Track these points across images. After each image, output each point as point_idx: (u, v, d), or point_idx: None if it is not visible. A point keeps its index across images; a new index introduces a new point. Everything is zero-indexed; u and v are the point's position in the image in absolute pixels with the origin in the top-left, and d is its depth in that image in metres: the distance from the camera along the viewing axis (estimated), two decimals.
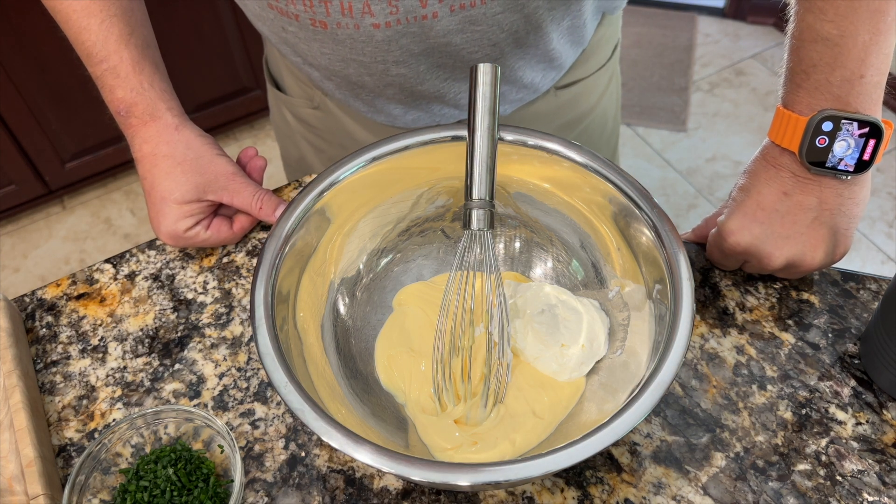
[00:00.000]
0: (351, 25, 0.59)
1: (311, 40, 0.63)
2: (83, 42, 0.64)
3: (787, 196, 0.56)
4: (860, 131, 0.53)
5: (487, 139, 0.54)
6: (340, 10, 0.58)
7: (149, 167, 0.66)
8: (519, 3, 0.60)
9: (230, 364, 0.62)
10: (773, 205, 0.57)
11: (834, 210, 0.56)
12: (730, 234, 0.59)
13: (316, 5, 0.58)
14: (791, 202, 0.56)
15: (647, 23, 2.46)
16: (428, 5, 0.57)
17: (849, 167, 0.54)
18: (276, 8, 0.60)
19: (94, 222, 1.94)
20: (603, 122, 0.85)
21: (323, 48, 0.63)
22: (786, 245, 0.57)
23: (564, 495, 0.53)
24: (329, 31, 0.60)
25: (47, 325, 0.66)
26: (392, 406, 0.57)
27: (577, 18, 0.67)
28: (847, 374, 0.59)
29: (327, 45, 0.63)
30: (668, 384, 0.45)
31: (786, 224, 0.57)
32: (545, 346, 0.56)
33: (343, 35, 0.61)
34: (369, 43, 0.61)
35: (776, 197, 0.57)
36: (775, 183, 0.57)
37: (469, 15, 0.59)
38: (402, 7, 0.57)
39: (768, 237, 0.57)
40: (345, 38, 0.61)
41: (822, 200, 0.56)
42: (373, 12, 0.58)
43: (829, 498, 0.52)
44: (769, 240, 0.57)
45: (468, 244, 0.55)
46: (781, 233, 0.57)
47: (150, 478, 0.52)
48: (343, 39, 0.61)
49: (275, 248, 0.54)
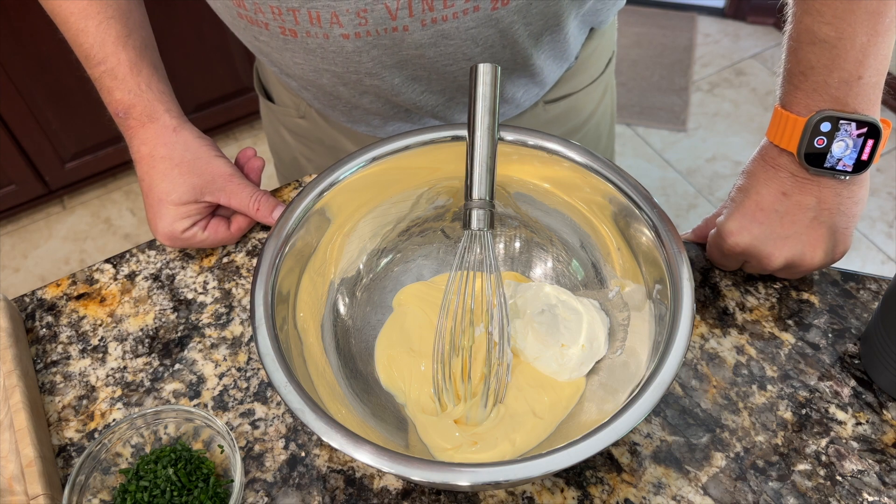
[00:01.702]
0: (320, 35, 0.58)
1: (283, 49, 0.62)
2: (81, 44, 0.64)
3: (786, 196, 0.57)
4: (858, 131, 0.53)
5: (487, 139, 0.54)
6: (308, 19, 0.56)
7: (147, 168, 0.66)
8: (493, 19, 0.58)
9: (230, 364, 0.62)
10: (773, 205, 0.57)
11: (833, 210, 0.56)
12: (729, 234, 0.59)
13: (284, 13, 0.56)
14: (790, 202, 0.57)
15: (647, 23, 2.46)
16: (398, 18, 0.56)
17: (847, 167, 0.54)
18: (245, 17, 0.59)
19: (94, 222, 1.94)
20: (597, 136, 0.85)
21: (295, 57, 0.62)
22: (785, 245, 0.57)
23: (564, 495, 0.53)
24: (299, 39, 0.59)
25: (47, 325, 0.66)
26: (392, 406, 0.57)
27: (557, 34, 0.65)
28: (847, 374, 0.59)
29: (299, 55, 0.62)
30: (668, 384, 0.45)
31: (785, 224, 0.57)
32: (545, 346, 0.56)
33: (313, 44, 0.59)
34: (340, 53, 0.60)
35: (775, 197, 0.57)
36: (774, 183, 0.57)
37: (441, 29, 0.57)
38: (370, 19, 0.56)
39: (768, 237, 0.58)
40: (315, 48, 0.60)
41: (821, 200, 0.56)
42: (341, 23, 0.56)
43: (829, 498, 0.52)
44: (769, 240, 0.58)
45: (468, 244, 0.55)
46: (781, 233, 0.57)
47: (150, 478, 0.52)
48: (314, 49, 0.60)
49: (275, 248, 0.54)
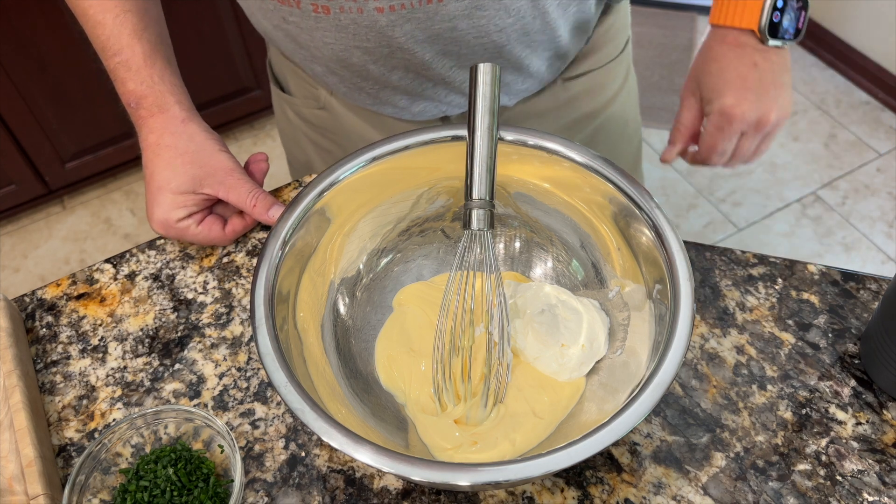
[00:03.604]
0: (354, 10, 0.59)
1: (313, 29, 0.63)
2: (98, 36, 0.66)
3: (756, 66, 0.68)
4: (797, 5, 0.67)
5: (487, 139, 0.54)
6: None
7: (151, 156, 0.67)
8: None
9: (230, 364, 0.62)
10: (750, 74, 0.68)
11: (784, 70, 0.70)
12: (733, 108, 0.68)
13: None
14: (761, 69, 0.68)
15: (647, 23, 2.46)
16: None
17: (790, 35, 0.68)
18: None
19: (94, 222, 1.94)
20: (623, 121, 0.86)
21: (325, 37, 0.63)
22: (774, 103, 0.68)
23: (564, 495, 0.53)
24: (332, 16, 0.60)
25: (47, 325, 0.66)
26: (392, 406, 0.57)
27: (582, 3, 0.68)
28: (847, 374, 0.59)
29: (330, 33, 0.63)
30: (668, 384, 0.45)
31: (766, 85, 0.68)
32: (545, 346, 0.56)
33: (346, 20, 0.60)
34: (373, 28, 0.61)
35: (749, 68, 0.68)
36: (745, 58, 0.68)
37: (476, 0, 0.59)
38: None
39: (761, 99, 0.68)
40: (348, 24, 0.61)
41: (775, 63, 0.69)
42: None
43: (829, 498, 0.52)
44: (762, 101, 0.68)
45: (468, 244, 0.55)
46: (765, 93, 0.68)
47: (150, 478, 0.52)
48: (346, 25, 0.61)
49: (275, 248, 0.54)
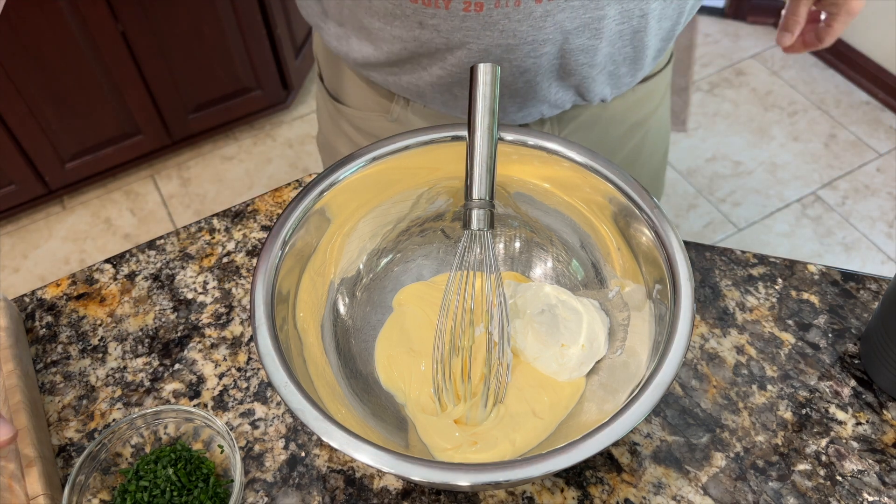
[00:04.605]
0: (511, 3, 0.57)
1: (453, 30, 0.60)
2: None
3: None
4: None
5: (487, 139, 0.54)
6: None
7: None
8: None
9: (230, 364, 0.62)
10: None
11: None
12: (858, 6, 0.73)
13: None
14: None
15: None
16: None
17: None
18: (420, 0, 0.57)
19: (94, 222, 1.94)
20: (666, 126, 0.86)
21: (466, 37, 0.60)
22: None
23: (564, 495, 0.53)
24: (483, 13, 0.58)
25: (47, 325, 0.66)
26: (392, 406, 0.57)
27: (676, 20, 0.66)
28: (847, 374, 0.59)
29: (471, 33, 0.60)
30: (668, 384, 0.45)
31: None
32: (545, 346, 0.56)
33: (498, 16, 0.58)
34: (525, 21, 0.58)
35: None
36: None
37: None
38: None
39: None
40: (499, 20, 0.58)
41: None
42: None
43: (829, 498, 0.52)
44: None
45: (468, 244, 0.55)
46: None
47: (150, 478, 0.52)
48: (495, 22, 0.59)
49: (275, 248, 0.54)
